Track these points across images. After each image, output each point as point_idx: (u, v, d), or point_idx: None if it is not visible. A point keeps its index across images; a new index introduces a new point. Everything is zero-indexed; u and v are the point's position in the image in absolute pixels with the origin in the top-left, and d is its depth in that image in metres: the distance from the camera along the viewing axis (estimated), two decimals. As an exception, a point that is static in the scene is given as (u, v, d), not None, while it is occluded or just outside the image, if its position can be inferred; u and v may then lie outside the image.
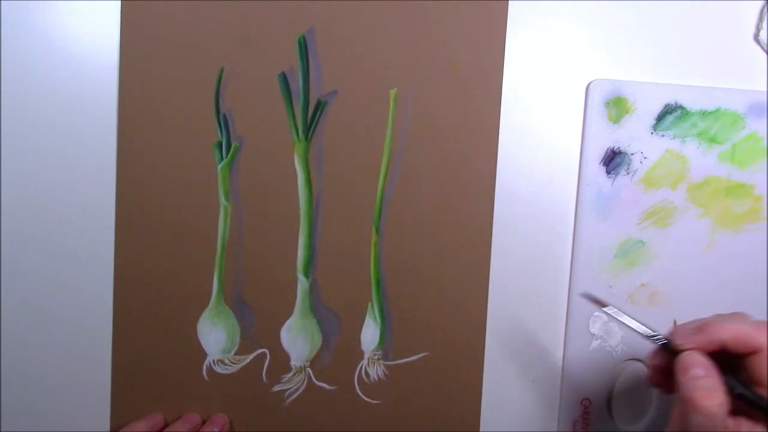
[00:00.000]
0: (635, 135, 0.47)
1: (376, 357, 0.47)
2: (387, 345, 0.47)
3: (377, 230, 0.47)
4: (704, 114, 0.47)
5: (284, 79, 0.46)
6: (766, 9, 0.46)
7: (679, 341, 0.36)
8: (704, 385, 0.35)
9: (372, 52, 0.46)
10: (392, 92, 0.46)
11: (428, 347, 0.47)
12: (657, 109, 0.47)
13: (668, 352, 0.37)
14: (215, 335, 0.47)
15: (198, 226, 0.46)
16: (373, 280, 0.47)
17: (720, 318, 0.38)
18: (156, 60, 0.45)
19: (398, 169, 0.46)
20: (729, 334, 0.36)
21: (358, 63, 0.46)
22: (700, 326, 0.37)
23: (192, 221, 0.46)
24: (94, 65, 0.45)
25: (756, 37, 0.47)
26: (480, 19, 0.46)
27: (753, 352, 0.36)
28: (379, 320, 0.47)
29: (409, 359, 0.48)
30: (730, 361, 0.36)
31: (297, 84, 0.46)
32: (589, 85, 0.47)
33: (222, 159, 0.46)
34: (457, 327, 0.47)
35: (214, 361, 0.47)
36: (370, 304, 0.47)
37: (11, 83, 0.45)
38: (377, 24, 0.45)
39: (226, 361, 0.47)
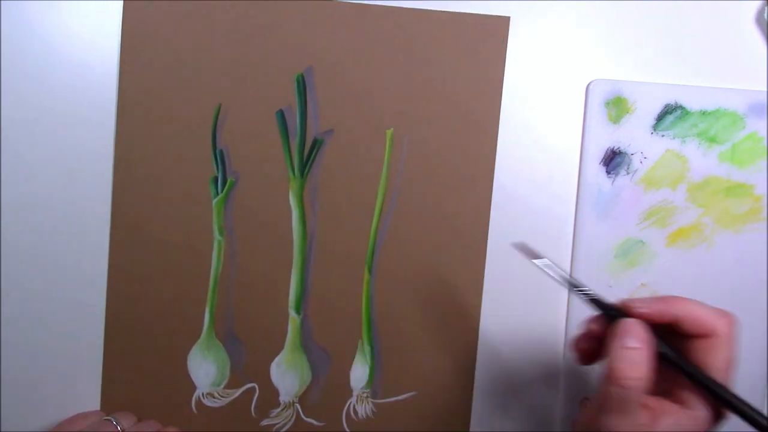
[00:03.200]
0: (635, 135, 0.47)
1: (365, 395, 0.48)
2: (376, 383, 0.47)
3: (369, 269, 0.47)
4: (704, 114, 0.47)
5: (282, 116, 0.46)
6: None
7: (636, 303, 0.35)
8: (632, 358, 0.33)
9: (369, 92, 0.46)
10: (389, 132, 0.46)
11: (417, 386, 0.47)
12: (657, 109, 0.47)
13: (611, 315, 0.36)
14: (205, 368, 0.47)
15: (191, 259, 0.46)
16: (364, 319, 0.47)
17: (675, 298, 0.36)
18: (154, 95, 0.45)
19: (392, 209, 0.46)
20: (687, 310, 0.35)
21: (355, 102, 0.46)
22: (660, 297, 0.36)
23: (186, 255, 0.46)
24: (91, 98, 0.45)
25: (758, 21, 0.46)
26: (478, 60, 0.46)
27: (704, 336, 0.35)
28: (368, 358, 0.47)
29: (397, 398, 0.48)
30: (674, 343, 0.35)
31: (294, 121, 0.46)
32: (589, 85, 0.47)
33: (217, 194, 0.46)
34: (446, 367, 0.47)
35: (203, 394, 0.47)
36: (360, 342, 0.47)
37: (13, 107, 0.45)
38: (375, 63, 0.46)
39: (216, 394, 0.47)
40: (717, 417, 0.35)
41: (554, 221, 0.48)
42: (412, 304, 0.47)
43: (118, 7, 0.45)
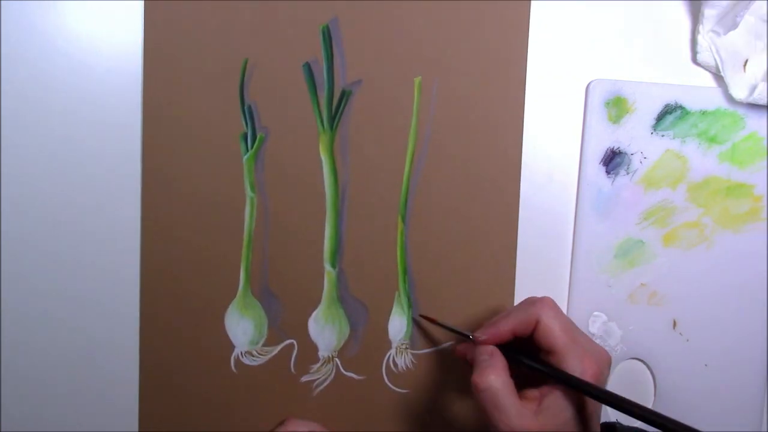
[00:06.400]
0: (635, 135, 0.47)
1: (403, 346, 0.47)
2: (414, 334, 0.47)
3: (403, 219, 0.47)
4: (704, 114, 0.47)
5: (308, 69, 0.46)
6: (697, 29, 0.46)
7: (477, 334, 0.42)
8: (483, 366, 0.40)
9: (396, 41, 0.46)
10: (417, 80, 0.46)
11: (455, 336, 0.47)
12: (657, 109, 0.47)
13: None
14: (243, 327, 0.47)
15: (224, 218, 0.46)
16: (399, 269, 0.47)
17: (512, 309, 0.42)
18: (180, 53, 0.45)
19: (424, 157, 0.46)
20: (511, 323, 0.41)
21: (382, 51, 0.46)
22: (493, 321, 0.42)
23: (218, 213, 0.46)
24: (118, 59, 0.45)
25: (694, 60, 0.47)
26: (505, 7, 0.46)
27: (550, 350, 0.40)
28: (406, 309, 0.47)
29: (436, 348, 0.48)
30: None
31: (321, 74, 0.46)
32: (589, 85, 0.47)
33: (247, 150, 0.46)
34: (484, 314, 0.47)
35: (242, 353, 0.47)
36: (397, 294, 0.47)
37: (36, 75, 0.45)
38: (400, 12, 0.45)
39: (254, 352, 0.47)
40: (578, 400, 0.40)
41: (554, 221, 0.48)
42: (446, 251, 0.47)
43: (139, -34, 0.45)
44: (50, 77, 0.45)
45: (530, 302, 0.42)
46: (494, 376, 0.39)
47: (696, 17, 0.46)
